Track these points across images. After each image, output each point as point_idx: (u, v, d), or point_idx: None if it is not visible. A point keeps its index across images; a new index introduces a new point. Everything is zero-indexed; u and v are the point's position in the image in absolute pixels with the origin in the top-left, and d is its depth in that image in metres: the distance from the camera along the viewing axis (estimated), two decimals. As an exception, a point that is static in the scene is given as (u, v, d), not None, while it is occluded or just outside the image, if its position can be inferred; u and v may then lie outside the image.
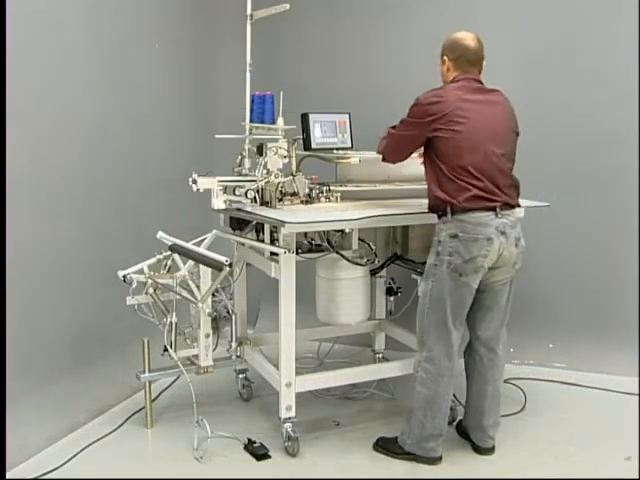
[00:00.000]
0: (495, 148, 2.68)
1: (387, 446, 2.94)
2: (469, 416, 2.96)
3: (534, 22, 3.84)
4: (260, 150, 3.13)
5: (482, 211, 2.64)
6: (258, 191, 3.05)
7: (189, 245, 3.09)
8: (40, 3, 2.93)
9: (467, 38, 2.80)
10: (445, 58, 2.83)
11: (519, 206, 2.80)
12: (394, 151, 2.92)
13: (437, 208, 2.73)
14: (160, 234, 3.18)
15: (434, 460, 2.84)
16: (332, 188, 3.16)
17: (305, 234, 3.12)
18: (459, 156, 2.64)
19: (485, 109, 2.71)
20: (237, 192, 3.03)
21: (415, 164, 3.09)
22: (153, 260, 3.13)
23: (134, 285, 3.00)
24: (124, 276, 3.00)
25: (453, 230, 2.66)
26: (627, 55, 3.69)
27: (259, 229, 3.15)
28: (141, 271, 3.06)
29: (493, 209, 2.66)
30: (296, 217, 2.76)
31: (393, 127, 2.88)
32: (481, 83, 2.80)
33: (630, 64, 3.69)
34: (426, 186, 2.79)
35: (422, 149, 2.82)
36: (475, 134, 2.65)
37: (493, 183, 2.66)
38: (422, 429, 2.81)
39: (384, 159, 2.98)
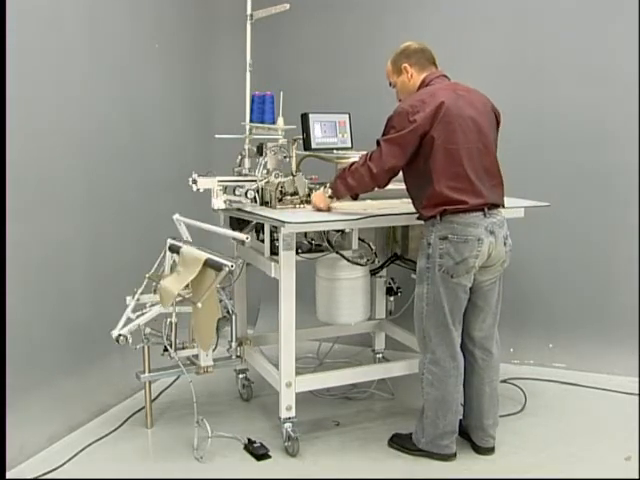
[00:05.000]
0: (481, 145, 2.66)
1: (402, 442, 2.95)
2: (469, 416, 2.95)
3: (535, 22, 3.84)
4: (260, 150, 3.13)
5: (471, 212, 2.62)
6: (258, 191, 3.06)
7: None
8: (40, 3, 2.93)
9: (412, 44, 2.84)
10: (405, 66, 2.81)
11: (504, 206, 2.79)
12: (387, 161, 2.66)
13: (426, 212, 2.68)
14: (176, 216, 3.07)
15: (449, 457, 2.85)
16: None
17: (305, 234, 3.13)
18: (449, 158, 2.59)
19: (468, 106, 2.66)
20: (237, 192, 3.02)
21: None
22: (132, 304, 2.97)
23: (130, 340, 2.86)
24: (117, 337, 2.84)
25: (443, 232, 2.64)
26: (627, 55, 3.69)
27: (259, 229, 3.16)
28: (129, 320, 2.92)
29: (481, 209, 2.64)
30: (296, 217, 2.76)
31: (371, 154, 2.69)
32: (449, 80, 2.79)
33: (630, 64, 3.68)
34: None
35: None
36: (465, 134, 2.61)
37: (481, 183, 2.64)
38: (435, 428, 2.82)
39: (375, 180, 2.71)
